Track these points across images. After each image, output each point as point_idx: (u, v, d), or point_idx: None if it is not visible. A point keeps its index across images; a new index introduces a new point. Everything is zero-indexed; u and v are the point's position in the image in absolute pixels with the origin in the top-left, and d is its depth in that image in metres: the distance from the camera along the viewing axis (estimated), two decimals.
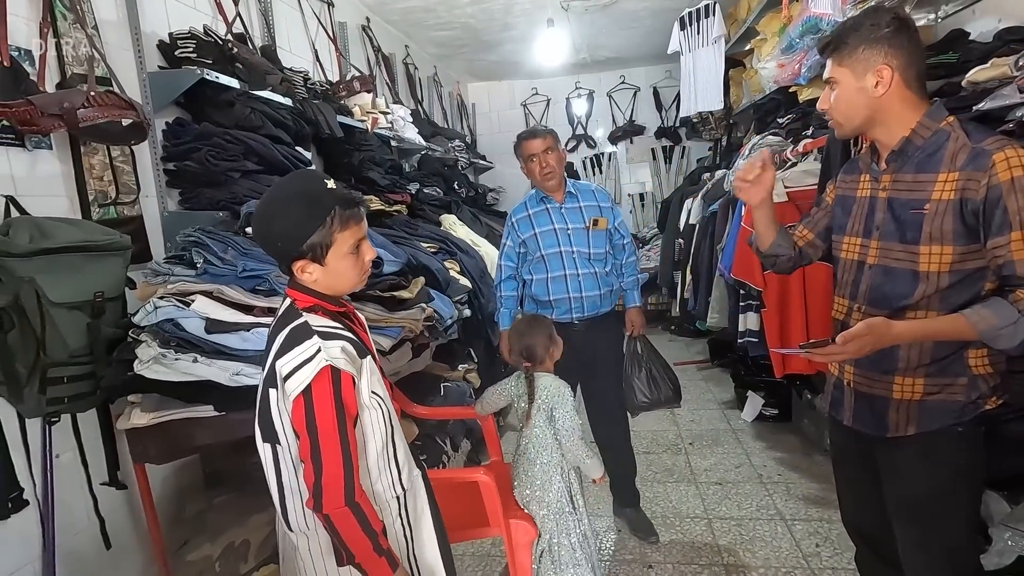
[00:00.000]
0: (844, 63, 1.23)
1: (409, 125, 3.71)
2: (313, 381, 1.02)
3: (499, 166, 5.92)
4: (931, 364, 1.21)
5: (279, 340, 1.07)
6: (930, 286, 1.19)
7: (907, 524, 1.31)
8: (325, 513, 1.03)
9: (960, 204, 1.14)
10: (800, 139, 2.59)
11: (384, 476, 1.17)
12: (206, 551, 1.60)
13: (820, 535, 2.22)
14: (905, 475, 1.28)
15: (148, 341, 1.47)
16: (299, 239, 1.06)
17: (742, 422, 3.32)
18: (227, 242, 1.62)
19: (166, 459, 1.62)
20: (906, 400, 1.24)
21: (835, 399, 1.40)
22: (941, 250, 1.17)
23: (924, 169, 1.20)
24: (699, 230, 3.24)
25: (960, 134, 1.17)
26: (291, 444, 1.08)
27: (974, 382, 1.20)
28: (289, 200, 1.09)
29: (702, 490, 2.65)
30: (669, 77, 5.70)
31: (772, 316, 2.39)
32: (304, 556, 1.13)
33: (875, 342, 1.15)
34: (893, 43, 1.18)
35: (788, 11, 2.72)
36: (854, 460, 1.42)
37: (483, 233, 3.71)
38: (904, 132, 1.22)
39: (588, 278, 2.26)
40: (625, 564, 2.19)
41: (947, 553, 1.27)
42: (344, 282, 1.14)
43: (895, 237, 1.24)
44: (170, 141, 2.03)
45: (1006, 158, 1.09)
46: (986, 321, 1.11)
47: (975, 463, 1.24)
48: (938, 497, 1.24)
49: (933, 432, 1.22)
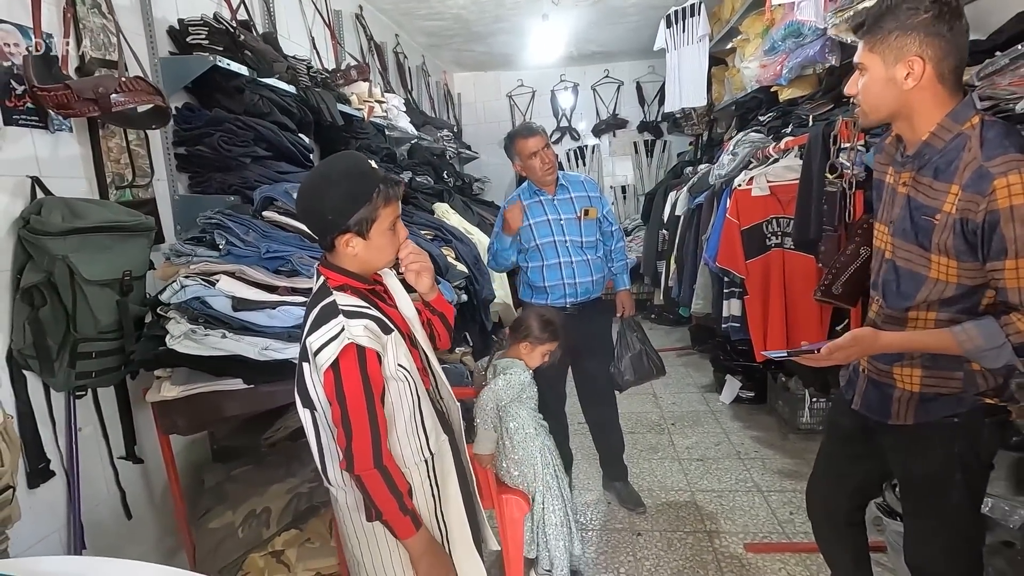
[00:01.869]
0: (875, 49, 1.14)
1: (402, 114, 3.76)
2: (340, 357, 1.11)
3: (484, 156, 5.99)
4: (928, 357, 1.23)
5: (311, 318, 1.16)
6: (935, 292, 1.19)
7: (909, 509, 1.38)
8: (356, 474, 1.14)
9: (962, 223, 1.10)
10: (781, 137, 2.75)
11: (412, 442, 1.27)
12: (228, 519, 1.68)
13: (794, 504, 2.41)
14: (904, 459, 1.33)
15: (176, 318, 1.54)
16: (349, 212, 1.14)
17: (720, 404, 3.51)
18: (248, 224, 1.69)
19: (194, 430, 1.69)
20: (907, 390, 1.26)
21: (849, 381, 1.43)
22: (948, 262, 1.15)
23: (940, 176, 1.14)
24: (684, 221, 3.39)
25: (975, 144, 1.10)
26: (326, 410, 1.18)
27: (971, 377, 1.20)
28: (340, 176, 1.16)
29: (685, 466, 2.82)
30: (652, 72, 5.84)
31: (755, 302, 2.55)
32: (341, 508, 1.25)
33: (861, 352, 1.20)
34: (931, 30, 1.08)
35: (771, 14, 2.86)
36: (847, 440, 1.47)
37: (475, 222, 3.80)
38: (926, 132, 1.15)
39: (581, 265, 2.39)
40: (616, 532, 2.34)
41: (946, 534, 1.29)
42: (381, 257, 1.23)
43: (910, 237, 1.21)
44: (181, 126, 2.07)
45: (1007, 185, 1.04)
46: (972, 341, 1.12)
47: (971, 451, 1.24)
48: (935, 482, 1.27)
49: (930, 423, 1.25)
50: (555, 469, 1.97)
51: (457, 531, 1.34)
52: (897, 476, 1.41)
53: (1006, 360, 1.11)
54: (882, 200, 1.33)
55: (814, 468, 1.63)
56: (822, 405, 2.88)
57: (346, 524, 1.26)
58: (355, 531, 1.26)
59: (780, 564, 2.08)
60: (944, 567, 1.33)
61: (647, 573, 2.09)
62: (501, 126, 6.20)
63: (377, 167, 1.20)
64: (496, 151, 6.25)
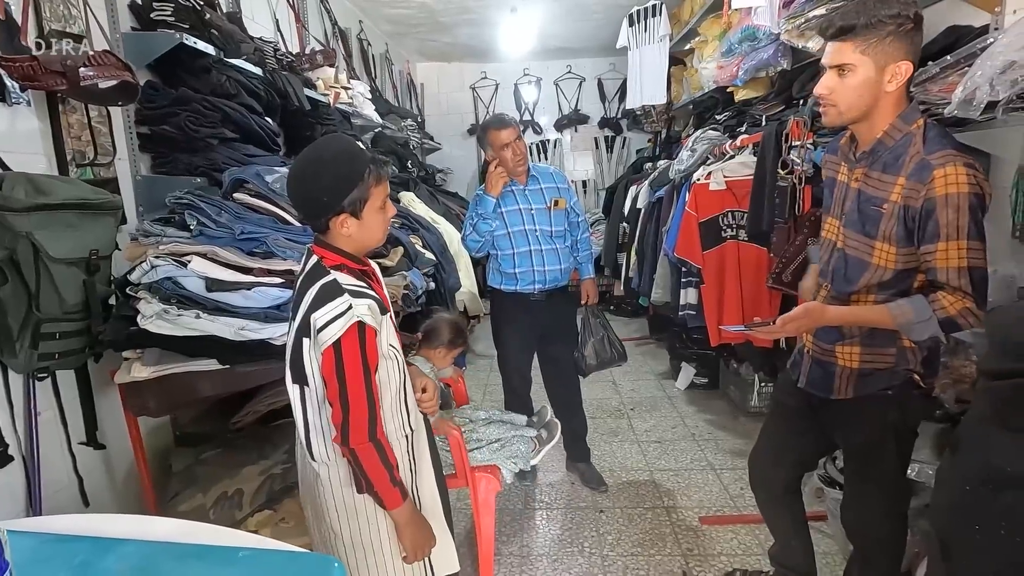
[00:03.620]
0: (867, 51, 1.20)
1: (367, 102, 3.74)
2: (344, 335, 1.14)
3: (447, 147, 6.00)
4: (866, 336, 1.36)
5: (311, 294, 1.17)
6: (875, 276, 1.31)
7: (849, 475, 1.52)
8: (351, 448, 1.17)
9: (904, 209, 1.23)
10: (736, 135, 2.90)
11: (396, 417, 1.32)
12: (198, 501, 1.67)
13: (744, 480, 2.56)
14: (844, 429, 1.47)
15: (147, 298, 1.52)
16: (343, 193, 1.17)
17: (676, 390, 3.67)
18: (220, 206, 1.67)
19: (166, 411, 1.67)
20: (848, 367, 1.39)
21: (795, 361, 1.56)
22: (889, 248, 1.27)
23: (889, 170, 1.26)
24: (645, 214, 3.52)
25: (919, 141, 1.23)
26: (318, 387, 1.21)
27: (903, 354, 1.34)
28: (331, 158, 1.19)
29: (643, 447, 2.95)
30: (613, 70, 5.97)
31: (710, 291, 2.70)
32: (324, 483, 1.27)
33: (810, 324, 1.33)
34: (913, 39, 1.18)
35: (728, 18, 3.01)
36: (790, 416, 1.61)
37: (440, 212, 3.83)
38: (879, 131, 1.27)
39: (550, 253, 2.46)
40: (579, 511, 2.44)
41: (879, 496, 1.44)
42: (373, 236, 1.26)
43: (857, 227, 1.32)
44: (144, 105, 2.01)
45: (944, 175, 1.16)
46: (905, 315, 1.24)
47: (902, 419, 1.38)
48: (872, 448, 1.42)
49: (867, 395, 1.38)
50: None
51: (429, 506, 1.39)
52: (840, 445, 1.55)
53: (932, 333, 1.24)
54: (833, 196, 1.46)
55: (757, 443, 1.76)
56: (770, 389, 3.07)
57: (325, 499, 1.29)
58: (335, 505, 1.29)
59: (732, 534, 2.22)
60: (875, 526, 1.49)
61: (609, 547, 2.19)
62: (464, 118, 6.21)
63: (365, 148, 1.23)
64: (459, 142, 6.36)
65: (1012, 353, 0.76)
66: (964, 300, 1.20)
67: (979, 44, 1.40)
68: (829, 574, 1.94)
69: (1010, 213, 1.78)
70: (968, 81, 1.31)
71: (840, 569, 1.90)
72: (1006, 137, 1.77)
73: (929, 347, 1.37)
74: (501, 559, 2.15)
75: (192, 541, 0.88)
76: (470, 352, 4.40)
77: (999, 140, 1.77)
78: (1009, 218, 1.79)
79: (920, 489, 1.73)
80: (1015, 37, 1.26)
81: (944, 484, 0.91)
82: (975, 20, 1.75)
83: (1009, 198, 1.77)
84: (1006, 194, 1.75)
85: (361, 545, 1.30)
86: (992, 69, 1.24)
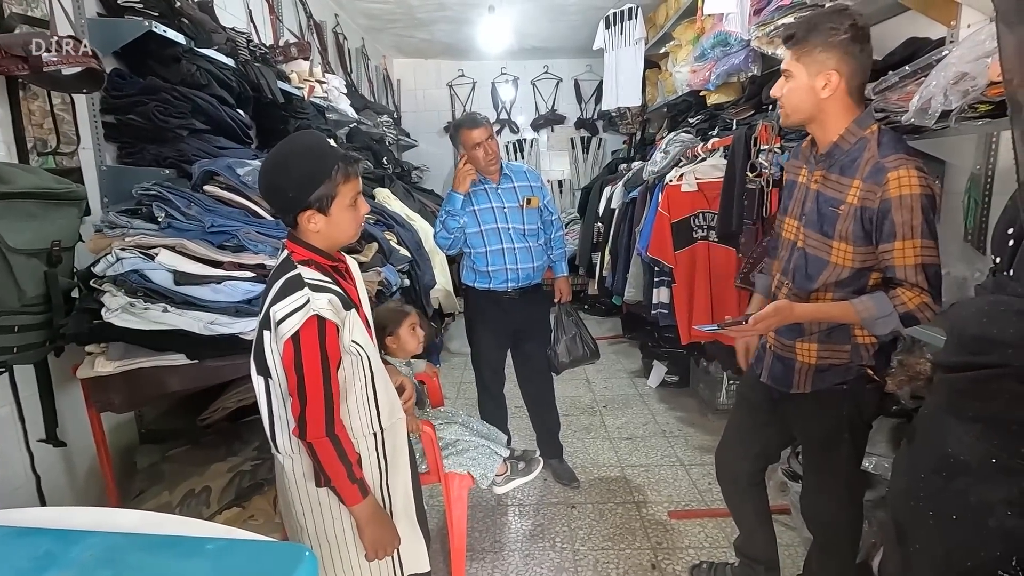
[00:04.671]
0: (801, 59, 1.30)
1: (343, 96, 3.70)
2: (302, 328, 1.14)
3: (423, 144, 5.97)
4: (823, 332, 1.43)
5: (275, 288, 1.18)
6: (833, 275, 1.37)
7: (807, 465, 1.58)
8: (308, 441, 1.18)
9: (861, 211, 1.29)
10: (708, 138, 2.96)
11: (363, 415, 1.32)
12: (164, 499, 1.63)
13: (712, 476, 2.60)
14: (803, 422, 1.54)
15: (112, 291, 1.48)
16: (309, 189, 1.18)
17: (648, 388, 3.73)
18: (190, 198, 1.64)
19: (131, 407, 1.63)
20: (806, 363, 1.46)
21: (759, 357, 1.63)
22: (846, 248, 1.33)
23: (845, 172, 1.33)
24: (619, 214, 3.57)
25: (874, 146, 1.29)
26: (281, 379, 1.21)
27: (857, 349, 1.41)
28: (299, 155, 1.20)
29: (615, 444, 2.99)
30: (590, 71, 6.02)
31: (682, 290, 2.75)
32: (288, 476, 1.27)
33: (780, 321, 1.38)
34: (847, 49, 1.26)
35: (702, 23, 3.07)
36: (753, 410, 1.67)
37: (416, 209, 3.81)
38: (835, 135, 1.34)
39: (523, 251, 2.48)
40: (552, 506, 2.46)
41: (835, 486, 1.51)
42: (343, 233, 1.26)
43: (816, 227, 1.39)
44: (110, 93, 1.96)
45: (898, 177, 1.23)
46: (868, 311, 1.31)
47: (856, 412, 1.45)
48: (828, 440, 1.48)
49: (824, 389, 1.45)
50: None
51: (401, 504, 1.40)
52: (798, 437, 1.61)
53: (893, 327, 1.31)
54: (793, 197, 1.52)
55: (723, 436, 1.81)
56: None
57: (291, 491, 1.29)
58: (300, 498, 1.29)
59: (699, 528, 2.27)
60: (832, 514, 1.55)
61: (580, 542, 2.22)
62: (441, 115, 6.19)
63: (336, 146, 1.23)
64: (435, 140, 6.33)
65: (968, 347, 0.80)
66: (921, 295, 1.27)
67: (935, 56, 1.46)
68: (791, 565, 2.00)
69: (962, 218, 1.87)
70: (924, 91, 1.37)
71: (802, 560, 1.96)
72: (959, 145, 1.85)
73: (882, 343, 1.43)
74: (473, 555, 2.16)
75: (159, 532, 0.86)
76: (444, 350, 4.40)
77: (952, 148, 1.86)
78: (961, 223, 1.87)
79: (877, 482, 1.80)
80: (967, 50, 1.32)
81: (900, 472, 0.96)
82: (933, 33, 1.83)
83: (962, 203, 1.85)
84: (959, 199, 1.83)
85: (326, 539, 1.30)
86: (946, 80, 1.30)
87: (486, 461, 1.95)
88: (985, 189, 1.83)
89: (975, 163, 1.85)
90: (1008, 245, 0.81)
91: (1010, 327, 0.74)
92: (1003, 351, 0.74)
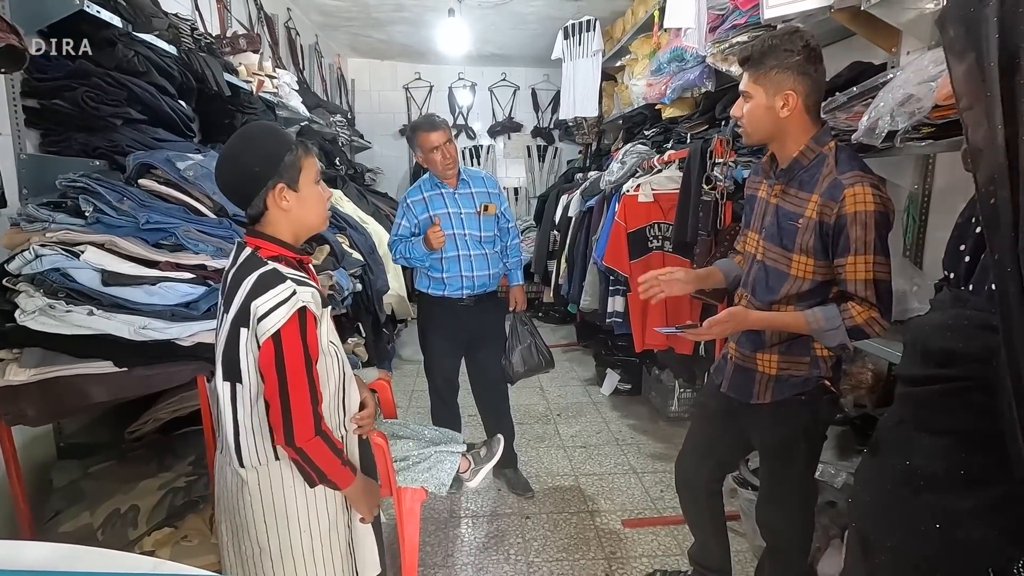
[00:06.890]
0: (759, 81, 1.34)
1: (294, 93, 3.56)
2: (285, 324, 1.09)
3: (377, 147, 5.85)
4: (783, 344, 1.45)
5: (249, 283, 1.11)
6: (794, 287, 1.39)
7: (764, 474, 1.61)
8: (299, 447, 1.12)
9: (819, 225, 1.32)
10: (663, 150, 3.02)
11: (334, 417, 1.27)
12: (84, 520, 1.49)
13: (664, 483, 2.65)
14: (761, 431, 1.56)
15: (29, 291, 1.34)
16: (275, 160, 1.14)
17: (601, 396, 3.75)
18: (123, 192, 1.51)
19: (48, 420, 1.47)
20: (766, 374, 1.48)
21: (719, 367, 1.64)
22: (806, 260, 1.36)
23: (804, 187, 1.36)
24: (575, 223, 3.58)
25: (832, 162, 1.33)
26: (252, 384, 1.13)
27: (816, 362, 1.44)
28: (260, 135, 1.18)
29: (569, 452, 2.98)
30: (547, 81, 6.07)
31: (636, 300, 2.77)
32: (253, 490, 1.19)
33: (734, 327, 1.42)
34: (802, 70, 1.29)
35: (659, 38, 3.13)
36: (713, 419, 1.68)
37: (370, 211, 3.71)
38: (795, 151, 1.37)
39: (479, 259, 2.44)
40: (505, 517, 2.42)
41: (791, 494, 1.54)
42: (313, 213, 1.21)
43: (775, 240, 1.42)
44: (33, 75, 1.80)
45: (854, 194, 1.26)
46: (817, 322, 1.34)
47: (813, 422, 1.49)
48: (786, 450, 1.51)
49: (783, 400, 1.47)
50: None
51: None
52: (756, 447, 1.63)
53: (840, 340, 1.34)
54: (754, 212, 1.55)
55: (683, 446, 1.82)
56: (689, 395, 3.20)
57: (253, 509, 1.19)
58: (263, 515, 1.20)
59: (652, 536, 2.28)
60: (787, 522, 1.58)
61: (535, 553, 2.18)
62: (396, 117, 6.08)
63: None
64: (390, 142, 6.21)
65: (932, 360, 0.82)
66: (871, 310, 1.30)
67: (881, 79, 1.53)
68: (741, 571, 2.03)
69: (902, 234, 1.96)
70: (872, 111, 1.43)
71: (751, 566, 2.00)
72: (901, 164, 1.95)
73: (839, 355, 1.46)
74: (425, 570, 2.09)
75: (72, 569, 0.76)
76: (396, 357, 4.29)
77: (895, 167, 1.95)
78: (901, 239, 1.97)
79: (822, 488, 1.85)
80: (912, 73, 1.39)
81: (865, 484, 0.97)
82: (874, 58, 1.92)
83: (901, 221, 1.94)
84: (899, 217, 1.92)
85: (291, 555, 1.23)
86: (894, 100, 1.36)
87: (440, 468, 1.89)
88: (922, 207, 1.93)
89: (912, 182, 1.95)
90: (964, 261, 0.84)
91: (976, 340, 0.75)
92: (968, 364, 0.76)
